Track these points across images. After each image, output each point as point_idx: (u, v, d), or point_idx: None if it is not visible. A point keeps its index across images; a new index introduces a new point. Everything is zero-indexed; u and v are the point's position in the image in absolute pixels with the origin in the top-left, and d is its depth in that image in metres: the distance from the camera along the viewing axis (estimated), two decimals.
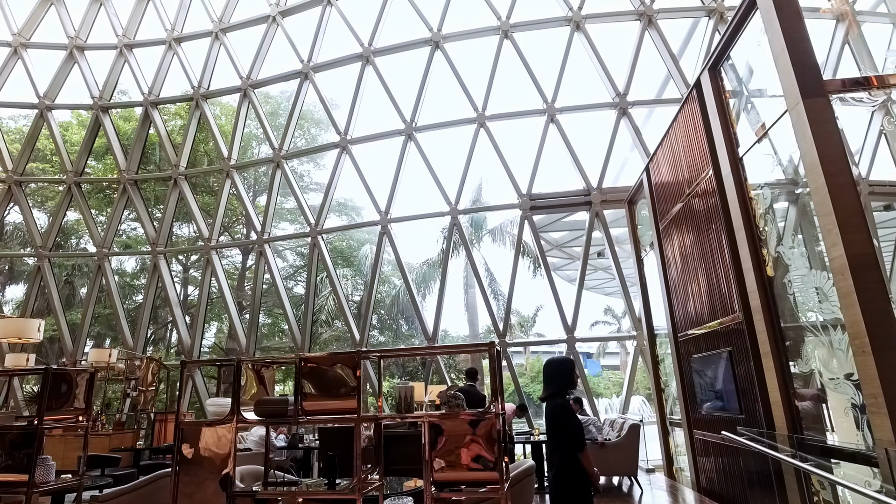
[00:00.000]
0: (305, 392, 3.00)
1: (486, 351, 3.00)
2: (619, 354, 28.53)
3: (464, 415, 2.82)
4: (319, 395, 2.98)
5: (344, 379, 2.96)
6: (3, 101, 12.66)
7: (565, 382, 3.25)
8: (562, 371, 3.30)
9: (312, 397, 2.99)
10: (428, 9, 10.92)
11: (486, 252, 16.33)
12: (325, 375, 2.99)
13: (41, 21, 12.83)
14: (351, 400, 2.92)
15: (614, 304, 27.79)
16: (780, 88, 4.28)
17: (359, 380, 2.90)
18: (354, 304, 15.68)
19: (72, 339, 12.49)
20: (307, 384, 2.98)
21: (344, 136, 11.08)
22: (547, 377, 3.30)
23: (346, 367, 2.95)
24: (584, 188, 10.12)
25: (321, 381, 2.99)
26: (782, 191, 4.89)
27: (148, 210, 12.81)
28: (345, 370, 2.95)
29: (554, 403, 3.14)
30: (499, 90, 10.46)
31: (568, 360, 3.45)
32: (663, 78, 11.28)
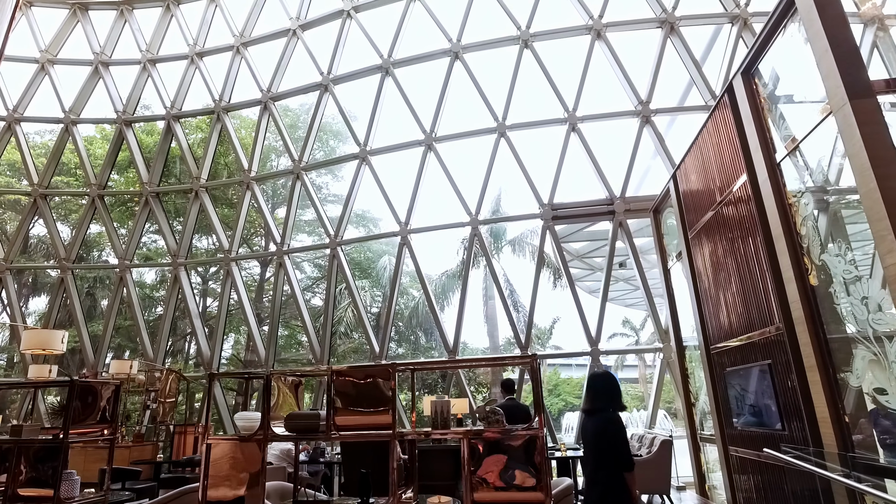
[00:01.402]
0: (337, 406, 2.88)
1: (528, 363, 2.86)
2: (638, 367, 28.05)
3: (506, 431, 2.67)
4: (352, 410, 2.86)
5: (377, 393, 2.84)
6: (30, 116, 12.91)
7: (616, 397, 3.11)
8: (612, 385, 3.16)
9: (345, 412, 2.87)
10: (447, 20, 10.93)
11: (506, 263, 16.19)
12: (357, 389, 2.87)
13: (68, 38, 13.11)
14: (385, 415, 2.80)
15: (632, 315, 27.35)
16: (814, 92, 4.13)
17: (393, 394, 2.78)
18: (372, 316, 15.61)
19: (93, 351, 12.56)
20: (338, 398, 2.86)
21: (363, 147, 11.08)
22: (594, 391, 3.16)
23: (379, 381, 2.83)
24: (607, 197, 9.96)
25: (353, 394, 2.87)
26: (823, 196, 4.70)
27: (169, 222, 12.90)
28: (378, 384, 2.83)
29: (606, 418, 2.99)
30: (519, 99, 10.39)
31: (614, 376, 3.31)
32: (685, 85, 11.14)
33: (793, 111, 5.09)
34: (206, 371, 11.69)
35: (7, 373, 16.63)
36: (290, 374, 3.40)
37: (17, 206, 15.80)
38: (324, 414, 2.88)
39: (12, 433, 3.28)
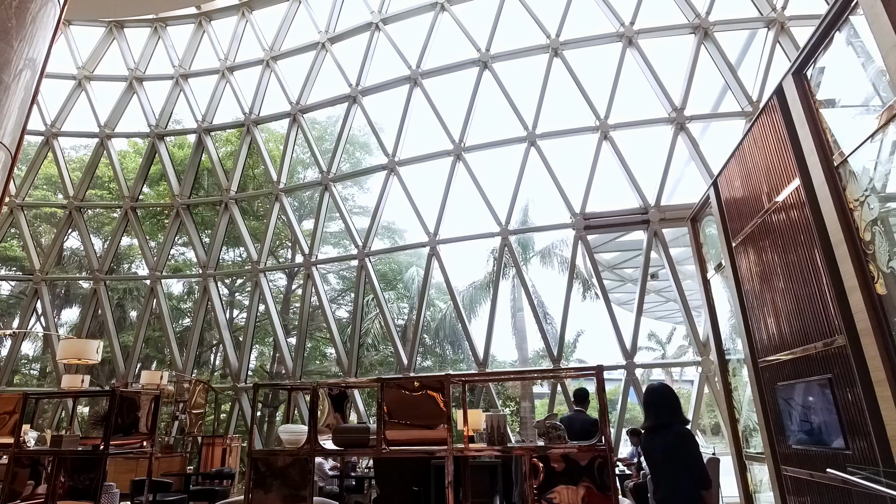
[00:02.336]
0: (386, 419, 2.74)
1: (594, 375, 2.68)
2: (666, 382, 27.31)
3: (570, 448, 2.50)
4: (403, 424, 2.72)
5: (430, 406, 2.69)
6: (67, 131, 13.24)
7: (678, 410, 2.91)
8: (672, 397, 2.97)
9: (395, 426, 2.73)
10: (476, 30, 10.91)
11: (534, 274, 15.98)
12: (407, 401, 2.73)
13: (104, 55, 13.46)
14: (439, 430, 2.64)
15: (658, 328, 26.69)
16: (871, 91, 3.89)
17: (448, 407, 2.62)
18: (399, 329, 15.50)
19: (123, 361, 12.67)
20: (388, 411, 2.72)
21: (392, 157, 11.05)
22: (655, 404, 2.97)
23: (432, 393, 2.68)
24: (641, 206, 9.71)
25: (405, 407, 2.73)
26: (890, 200, 4.43)
27: (199, 234, 13.04)
28: (431, 396, 2.69)
29: (676, 434, 2.79)
30: (549, 108, 10.26)
31: (670, 387, 3.11)
32: (719, 91, 10.89)
33: (850, 113, 4.85)
34: (233, 382, 11.68)
35: (40, 383, 16.92)
36: (338, 385, 3.27)
37: (52, 219, 16.18)
38: (373, 427, 2.75)
39: (52, 444, 3.21)
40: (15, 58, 4.49)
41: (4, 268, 17.02)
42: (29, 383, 16.96)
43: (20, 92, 4.55)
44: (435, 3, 11.27)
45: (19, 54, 4.49)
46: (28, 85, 4.60)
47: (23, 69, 4.52)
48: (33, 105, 4.68)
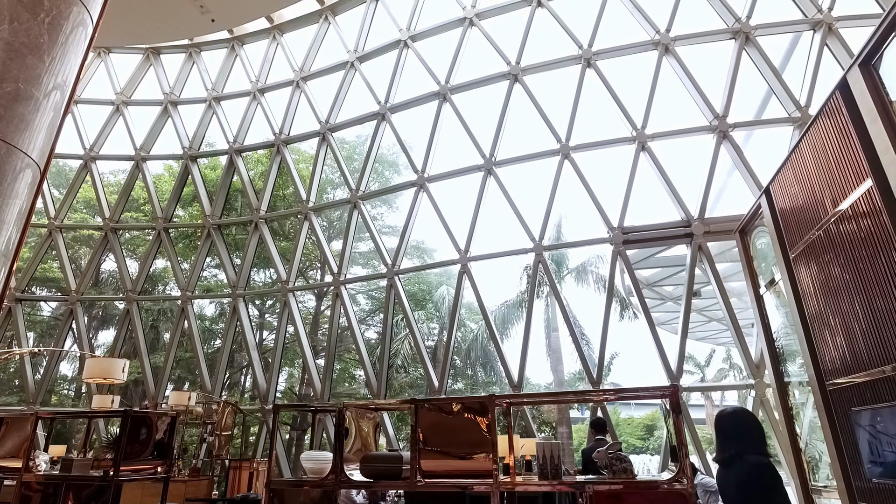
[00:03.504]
0: (422, 447, 2.39)
1: (668, 396, 2.29)
2: (705, 407, 26.05)
3: (643, 484, 2.10)
4: (441, 452, 2.37)
5: (473, 431, 2.33)
6: (104, 154, 13.56)
7: (754, 438, 2.48)
8: (745, 425, 2.54)
9: (432, 454, 2.38)
10: (505, 43, 10.73)
11: (568, 292, 15.44)
12: (446, 426, 2.38)
13: (141, 80, 13.83)
14: (483, 459, 2.28)
15: (696, 350, 25.51)
16: None
17: (493, 432, 2.26)
18: (429, 350, 15.14)
19: (154, 382, 12.64)
20: (424, 437, 2.37)
21: (421, 174, 10.85)
22: (725, 434, 2.54)
23: (474, 416, 2.33)
24: (683, 219, 9.20)
25: (442, 433, 2.38)
26: None
27: (229, 254, 13.05)
28: (473, 420, 2.33)
29: (752, 465, 2.36)
30: (583, 119, 9.93)
31: (747, 411, 2.68)
32: (762, 98, 10.38)
33: None
34: (261, 404, 11.46)
35: (74, 403, 17.11)
36: (367, 406, 2.94)
37: (90, 241, 16.55)
38: (406, 456, 2.40)
39: (62, 469, 2.96)
40: (46, 74, 4.36)
41: (44, 289, 17.43)
42: (64, 403, 17.17)
43: (50, 110, 4.41)
44: (464, 19, 11.17)
45: (51, 71, 4.37)
46: (58, 104, 4.47)
47: (53, 87, 4.40)
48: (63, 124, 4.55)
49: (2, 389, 17.09)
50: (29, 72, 4.21)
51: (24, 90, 4.20)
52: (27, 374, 12.49)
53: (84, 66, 5.10)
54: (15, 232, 4.01)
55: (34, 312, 17.87)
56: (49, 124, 4.51)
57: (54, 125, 4.55)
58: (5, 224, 3.90)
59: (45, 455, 3.79)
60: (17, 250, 4.30)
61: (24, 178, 4.11)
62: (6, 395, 16.41)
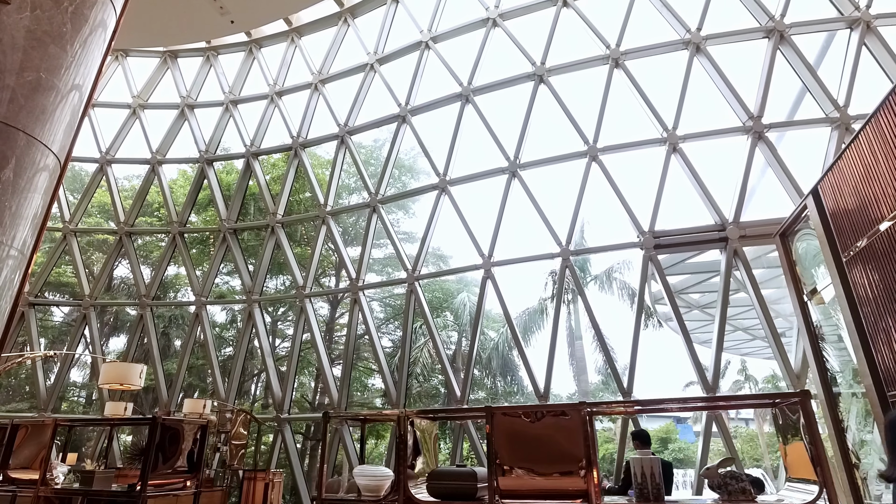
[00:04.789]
0: (498, 462, 2.07)
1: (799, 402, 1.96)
2: (701, 420, 25.44)
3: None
4: (522, 468, 2.05)
5: (560, 444, 2.02)
6: (120, 158, 13.43)
7: None
8: None
9: (511, 471, 2.06)
10: (530, 43, 10.48)
11: (592, 300, 15.00)
12: (528, 437, 2.06)
13: (158, 83, 13.73)
14: (573, 477, 1.96)
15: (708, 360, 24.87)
16: None
17: (588, 448, 1.94)
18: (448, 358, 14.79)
19: (167, 389, 12.38)
20: (500, 450, 2.06)
21: (443, 176, 10.59)
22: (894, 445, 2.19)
23: (560, 427, 2.01)
24: (717, 223, 8.85)
25: (523, 445, 2.06)
26: None
27: (245, 259, 12.81)
28: (560, 430, 2.02)
29: None
30: (611, 120, 9.63)
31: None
32: (794, 98, 10.05)
33: None
34: (276, 413, 11.15)
35: (85, 410, 16.87)
36: (426, 414, 2.63)
37: (103, 246, 16.40)
38: (481, 472, 2.09)
39: (82, 482, 2.66)
40: (68, 65, 4.08)
41: (57, 294, 17.29)
42: (75, 410, 16.95)
43: (72, 102, 4.13)
44: (487, 19, 10.95)
45: (74, 62, 4.09)
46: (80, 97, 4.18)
47: (76, 79, 4.12)
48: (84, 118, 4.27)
49: (13, 396, 16.90)
50: (51, 61, 3.93)
51: (46, 80, 3.92)
52: (39, 379, 12.28)
53: (106, 61, 4.83)
54: (32, 231, 3.69)
55: (46, 318, 17.72)
56: (70, 117, 4.22)
57: (75, 118, 4.27)
58: (23, 220, 3.61)
59: (63, 466, 3.51)
60: (35, 247, 3.99)
61: (44, 172, 3.83)
62: (17, 401, 16.22)
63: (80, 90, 4.06)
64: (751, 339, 16.30)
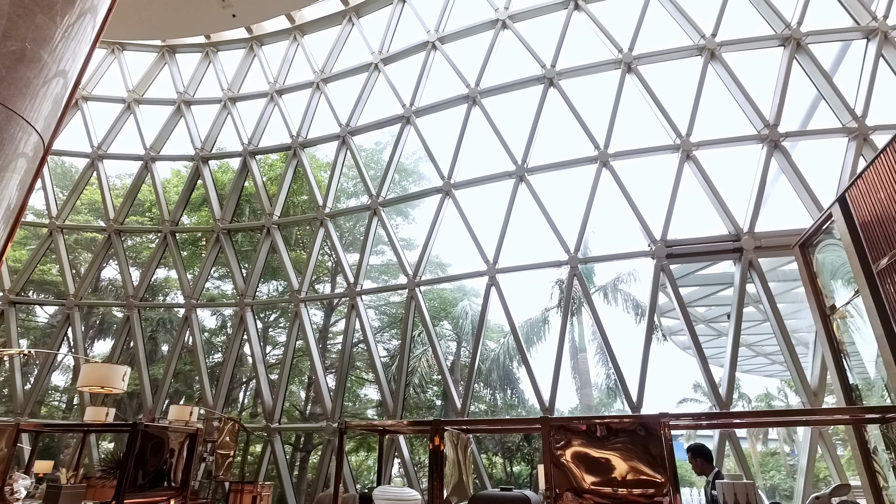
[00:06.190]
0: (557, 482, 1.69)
1: None
2: (713, 437, 25.02)
3: None
4: (585, 492, 1.66)
5: (631, 464, 1.64)
6: (112, 153, 12.98)
7: None
8: None
9: (571, 495, 1.68)
10: (540, 46, 10.24)
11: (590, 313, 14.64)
12: (592, 456, 1.68)
13: (155, 78, 13.35)
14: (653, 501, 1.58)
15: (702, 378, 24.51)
16: None
17: (668, 468, 1.57)
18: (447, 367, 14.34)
19: (152, 395, 11.84)
20: (560, 468, 1.68)
21: (447, 179, 10.25)
22: None
23: (632, 445, 1.64)
24: (732, 233, 8.56)
25: (585, 465, 1.68)
26: None
27: (238, 262, 12.36)
28: (630, 449, 1.64)
29: None
30: (623, 126, 9.36)
31: None
32: (808, 107, 9.85)
33: None
34: (266, 422, 10.65)
35: (65, 415, 16.21)
36: (459, 425, 2.24)
37: (91, 245, 15.89)
38: (535, 498, 1.70)
39: (46, 499, 2.24)
40: (58, 37, 3.68)
41: (41, 293, 16.69)
42: (55, 416, 16.27)
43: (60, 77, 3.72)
44: (496, 21, 10.71)
45: (64, 34, 3.69)
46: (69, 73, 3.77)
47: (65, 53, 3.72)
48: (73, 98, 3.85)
49: None
50: (39, 32, 3.52)
51: (32, 51, 3.51)
52: (16, 382, 11.69)
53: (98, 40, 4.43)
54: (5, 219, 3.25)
55: (29, 318, 17.09)
56: (57, 94, 3.80)
57: (62, 97, 3.85)
58: None
59: (26, 479, 3.03)
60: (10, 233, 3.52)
61: (25, 151, 3.41)
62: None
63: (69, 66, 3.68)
64: (753, 356, 15.98)
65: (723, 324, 13.52)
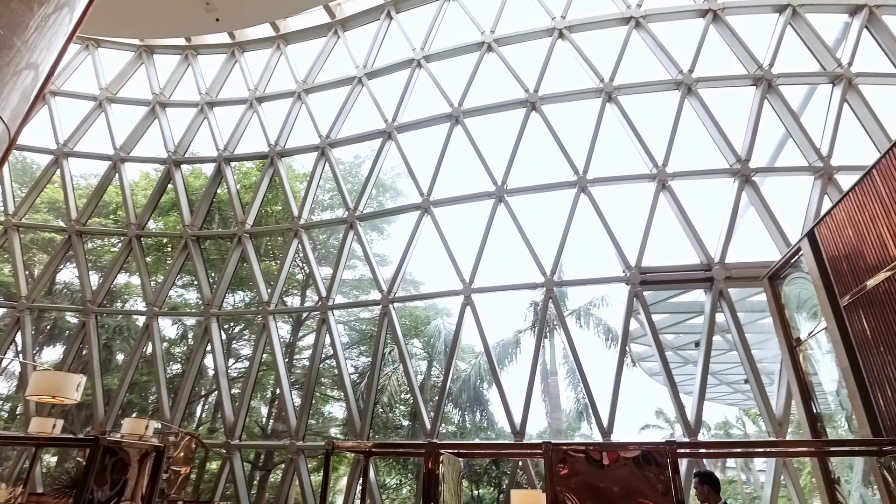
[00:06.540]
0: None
1: None
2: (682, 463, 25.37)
3: None
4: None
5: (637, 491, 1.57)
6: (79, 152, 12.49)
7: None
8: None
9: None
10: (524, 70, 10.40)
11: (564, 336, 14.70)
12: (597, 486, 1.61)
13: (130, 77, 12.98)
14: None
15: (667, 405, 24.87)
16: None
17: (675, 497, 1.51)
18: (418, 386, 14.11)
19: (104, 407, 11.23)
20: (569, 498, 1.59)
21: (426, 196, 10.21)
22: None
23: (641, 473, 1.57)
24: (703, 262, 8.75)
25: (593, 494, 1.61)
26: None
27: (206, 270, 11.96)
28: (638, 478, 1.58)
29: None
30: (602, 153, 9.55)
31: None
32: (776, 145, 10.26)
33: None
34: (227, 439, 10.21)
35: (7, 426, 15.22)
36: (455, 448, 2.13)
37: (49, 246, 15.17)
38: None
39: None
40: (32, 25, 3.51)
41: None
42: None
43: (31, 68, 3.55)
44: (482, 43, 10.84)
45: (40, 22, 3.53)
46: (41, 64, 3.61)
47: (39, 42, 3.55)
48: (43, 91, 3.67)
49: None
50: (13, 17, 3.36)
51: (4, 37, 3.34)
52: None
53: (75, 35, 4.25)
54: None
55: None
56: (28, 85, 3.62)
57: (33, 87, 3.67)
58: None
59: None
60: None
61: None
62: None
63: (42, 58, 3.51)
64: (717, 385, 16.29)
65: (690, 351, 13.76)
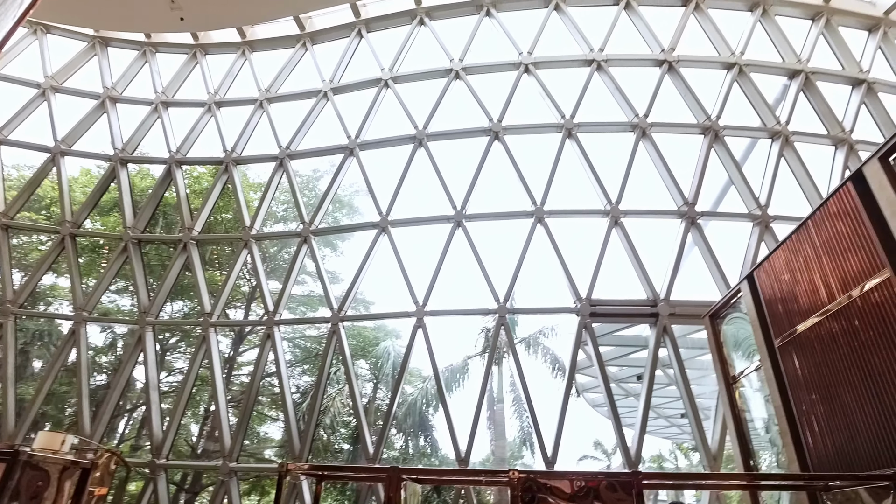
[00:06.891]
0: None
1: None
2: None
3: None
4: None
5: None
6: (15, 140, 11.66)
7: None
8: None
9: None
10: (489, 99, 10.64)
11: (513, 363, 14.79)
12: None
13: (80, 68, 12.32)
14: None
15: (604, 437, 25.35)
16: None
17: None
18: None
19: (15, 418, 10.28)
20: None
21: (385, 216, 10.14)
22: None
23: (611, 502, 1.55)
24: (650, 297, 9.07)
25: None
26: None
27: (146, 275, 11.32)
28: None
29: None
30: (559, 186, 9.82)
31: None
32: (718, 191, 10.90)
33: None
34: (153, 457, 9.54)
35: None
36: (419, 474, 2.04)
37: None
38: None
39: None
40: None
41: None
42: None
43: None
44: (449, 70, 11.02)
45: None
46: None
47: None
48: None
49: None
50: None
51: None
52: None
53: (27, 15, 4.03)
54: None
55: None
56: None
57: None
58: None
59: None
60: None
61: None
62: None
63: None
64: (655, 418, 16.75)
65: (632, 384, 14.12)
